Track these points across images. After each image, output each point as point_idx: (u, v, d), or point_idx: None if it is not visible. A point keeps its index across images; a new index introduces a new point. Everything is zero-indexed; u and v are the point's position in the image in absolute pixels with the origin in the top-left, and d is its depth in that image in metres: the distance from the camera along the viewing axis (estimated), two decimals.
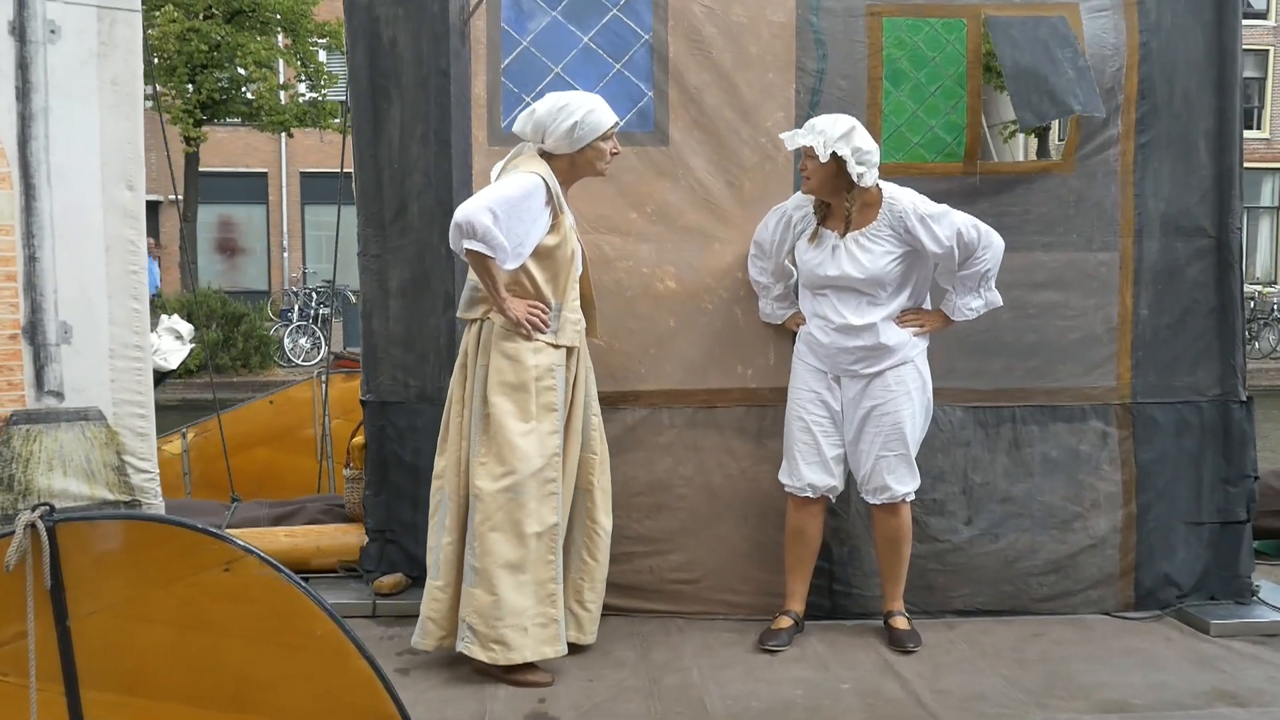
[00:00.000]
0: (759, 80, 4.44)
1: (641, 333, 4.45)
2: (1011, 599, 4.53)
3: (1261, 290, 25.13)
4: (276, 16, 21.28)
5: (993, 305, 4.18)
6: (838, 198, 4.07)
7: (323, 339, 19.83)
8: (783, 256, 4.28)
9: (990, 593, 4.53)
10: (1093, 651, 4.15)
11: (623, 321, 4.42)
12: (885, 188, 4.09)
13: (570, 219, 3.89)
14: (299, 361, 19.07)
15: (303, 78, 22.90)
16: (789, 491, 4.23)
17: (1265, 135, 30.30)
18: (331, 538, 4.71)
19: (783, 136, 4.14)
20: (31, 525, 2.35)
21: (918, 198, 4.07)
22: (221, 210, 29.57)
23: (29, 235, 3.35)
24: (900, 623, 4.22)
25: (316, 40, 22.01)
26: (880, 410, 4.10)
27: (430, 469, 4.01)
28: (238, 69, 21.29)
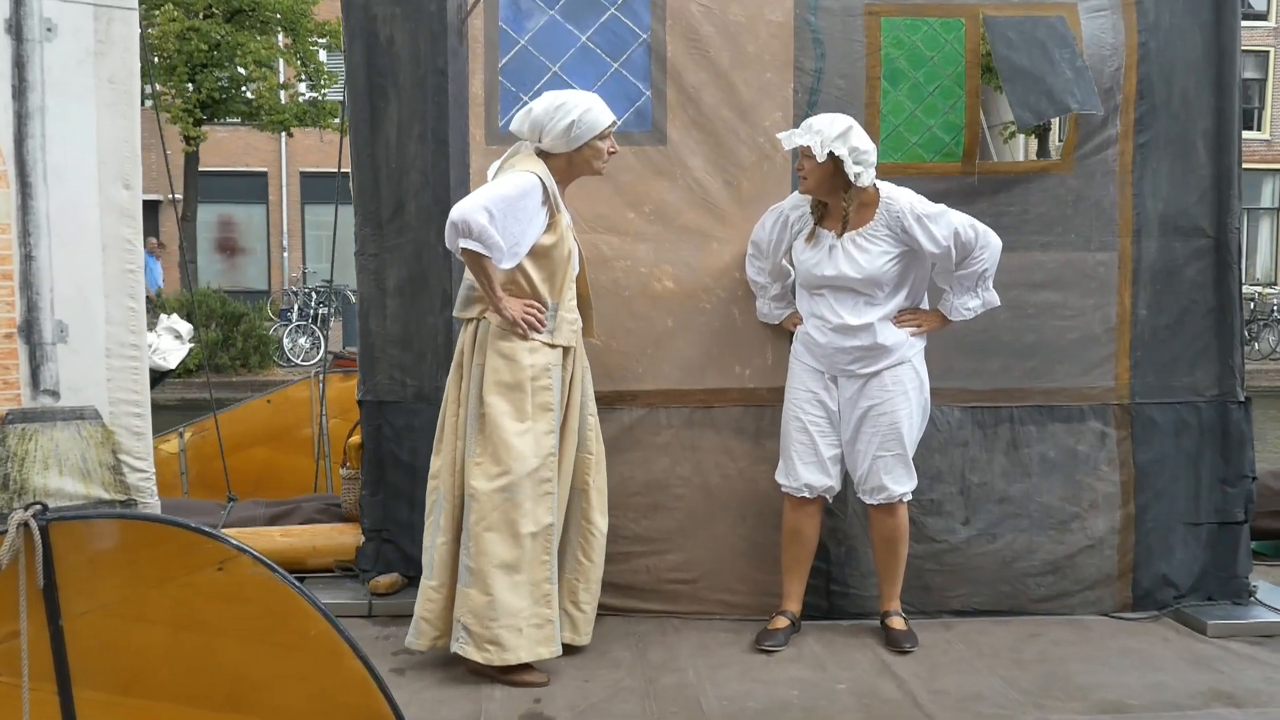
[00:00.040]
0: (757, 80, 4.44)
1: (639, 332, 4.44)
2: (1009, 599, 4.53)
3: (1261, 291, 25.12)
4: (276, 16, 21.27)
5: (990, 305, 4.17)
6: (835, 197, 4.06)
7: (322, 339, 19.80)
8: (780, 256, 4.27)
9: (988, 593, 4.52)
10: (1090, 652, 4.14)
11: (620, 321, 4.42)
12: (882, 187, 4.08)
13: (567, 218, 3.88)
14: (298, 361, 19.02)
15: (303, 77, 22.89)
16: (786, 492, 4.23)
17: (1266, 136, 30.27)
18: (328, 537, 4.70)
19: (780, 136, 4.13)
20: (24, 524, 2.34)
21: (915, 197, 4.07)
22: (221, 210, 29.57)
23: (25, 234, 3.33)
24: (897, 623, 4.22)
25: (316, 40, 21.99)
26: (877, 410, 4.09)
27: (427, 469, 3.99)
28: (238, 68, 21.27)
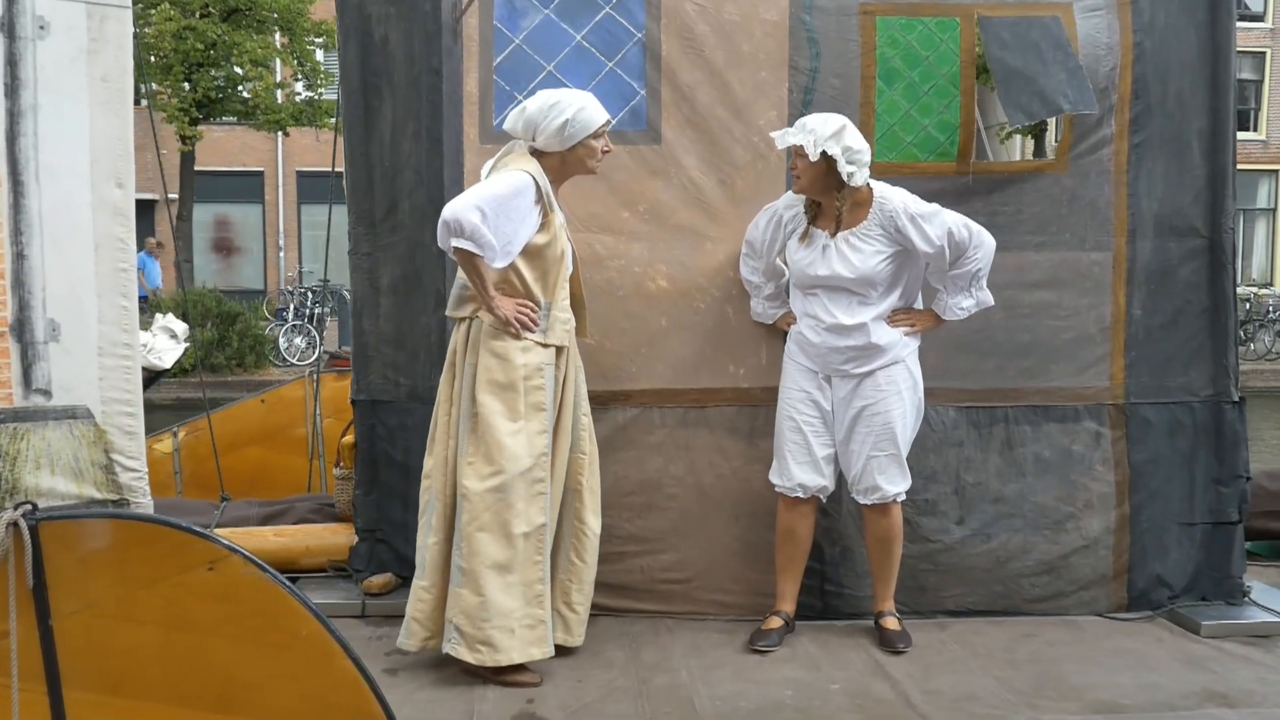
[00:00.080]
0: (752, 79, 4.43)
1: (633, 332, 4.43)
2: (1003, 600, 4.52)
3: (1257, 292, 25.15)
4: (273, 15, 21.27)
5: (984, 305, 4.17)
6: (828, 197, 4.06)
7: (318, 338, 19.79)
8: (774, 256, 4.27)
9: (982, 593, 4.51)
10: (1084, 652, 4.13)
11: (614, 320, 4.41)
12: (876, 187, 4.07)
13: (560, 218, 3.87)
14: (294, 361, 19.00)
15: (299, 77, 22.88)
16: (779, 491, 4.22)
17: (1262, 137, 30.31)
18: (321, 537, 4.69)
19: (773, 135, 4.12)
20: (13, 524, 2.33)
21: (908, 197, 4.06)
22: (218, 209, 29.55)
23: (17, 232, 3.32)
24: (891, 623, 4.21)
25: (313, 39, 21.99)
26: (871, 410, 4.08)
27: (421, 468, 3.98)
28: (234, 68, 21.26)
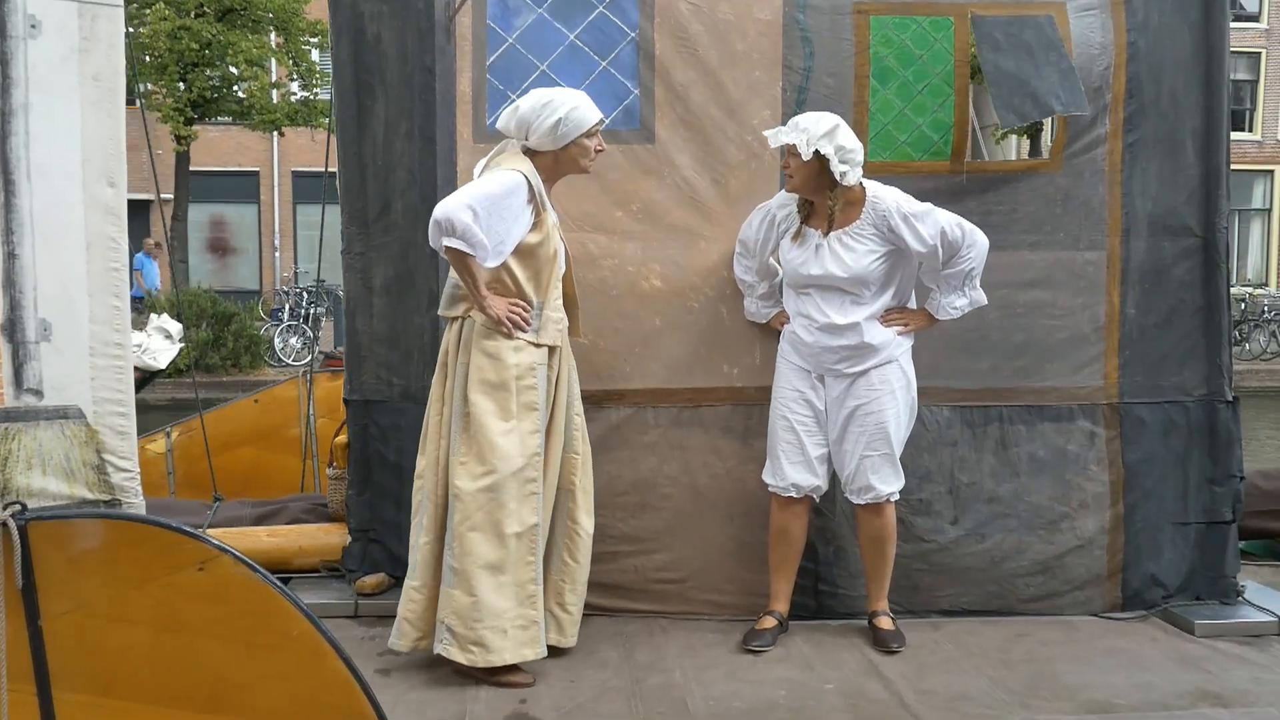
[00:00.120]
0: (745, 78, 4.42)
1: (627, 331, 4.43)
2: (998, 599, 4.51)
3: (1252, 292, 25.18)
4: (268, 15, 21.25)
5: (977, 304, 4.16)
6: (821, 196, 4.05)
7: (313, 338, 19.75)
8: (767, 255, 4.26)
9: (976, 593, 4.51)
10: (1078, 652, 4.13)
11: (608, 320, 4.40)
12: (869, 186, 4.07)
13: (553, 217, 3.86)
14: (289, 361, 18.96)
15: (294, 76, 22.87)
16: (773, 491, 4.21)
17: (1257, 137, 30.34)
18: (314, 537, 4.68)
19: (766, 134, 4.11)
20: (2, 524, 2.32)
21: (901, 196, 4.06)
22: (213, 209, 29.54)
23: (8, 232, 3.30)
24: (885, 623, 4.20)
25: (308, 39, 21.98)
26: (864, 410, 4.08)
27: (414, 468, 3.97)
28: (229, 68, 21.25)
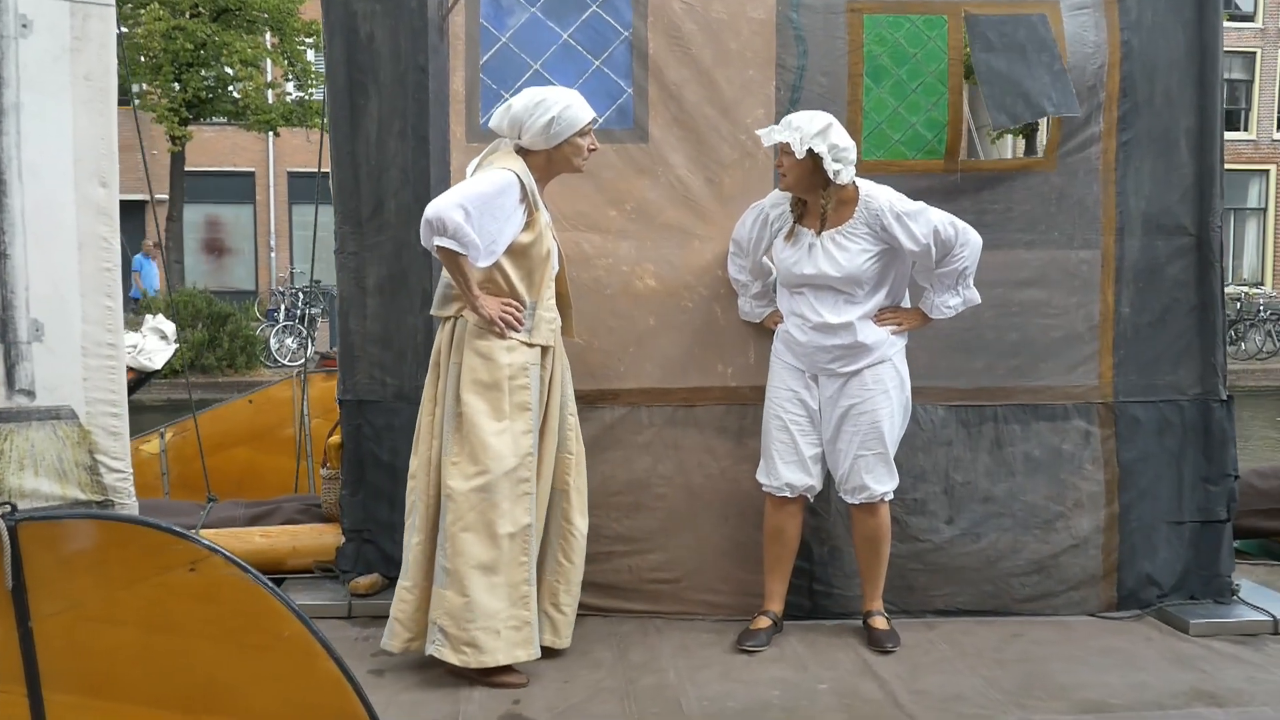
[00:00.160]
0: (739, 77, 4.42)
1: (621, 331, 4.42)
2: (993, 599, 4.50)
3: (1248, 291, 25.21)
4: (263, 15, 21.23)
5: (971, 303, 4.16)
6: (814, 195, 4.04)
7: (309, 339, 19.73)
8: (760, 254, 4.25)
9: (972, 593, 4.50)
10: (1072, 651, 4.12)
11: (602, 319, 4.39)
12: (862, 185, 4.06)
13: (546, 217, 3.85)
14: (285, 362, 18.92)
15: (290, 77, 22.84)
16: (767, 491, 4.20)
17: (1252, 137, 30.34)
18: (308, 538, 4.66)
19: (759, 133, 4.11)
20: None
21: (894, 195, 4.05)
22: (208, 210, 29.50)
23: (0, 231, 3.31)
24: (879, 623, 4.20)
25: (304, 39, 21.95)
26: (858, 409, 4.07)
27: (407, 468, 3.96)
28: (224, 68, 21.22)
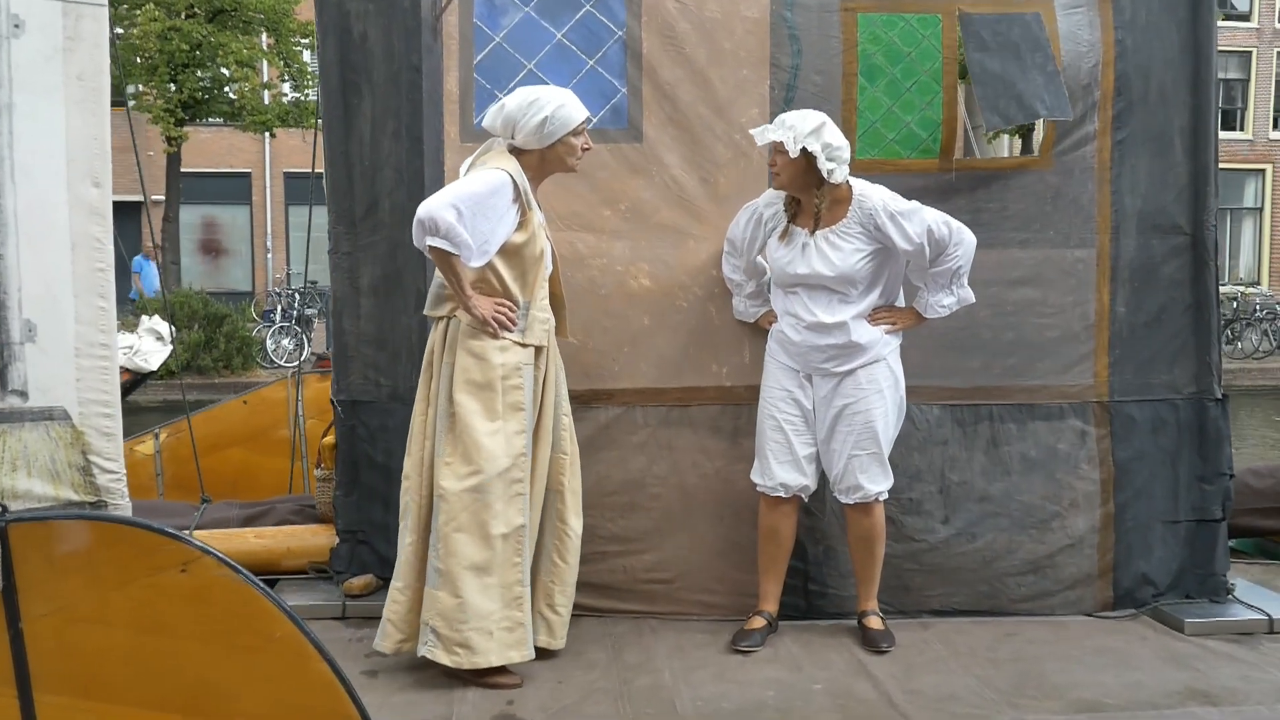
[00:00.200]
0: (733, 76, 4.41)
1: (615, 331, 4.41)
2: (989, 599, 4.50)
3: (1244, 291, 25.22)
4: (259, 16, 21.21)
5: (965, 302, 4.15)
6: (808, 194, 4.04)
7: (305, 339, 19.70)
8: (754, 254, 4.24)
9: (968, 593, 4.49)
10: (1067, 651, 4.12)
11: (596, 319, 4.38)
12: (855, 184, 4.05)
13: (539, 216, 3.84)
14: (282, 363, 18.87)
15: (286, 77, 22.83)
16: (761, 491, 4.19)
17: (1248, 136, 30.34)
18: (302, 539, 4.66)
19: (753, 132, 4.10)
20: None
21: (888, 195, 4.04)
22: (205, 211, 29.49)
23: None
24: (874, 623, 4.19)
25: (299, 40, 21.93)
26: (852, 409, 4.06)
27: (401, 469, 3.95)
28: (220, 69, 21.20)
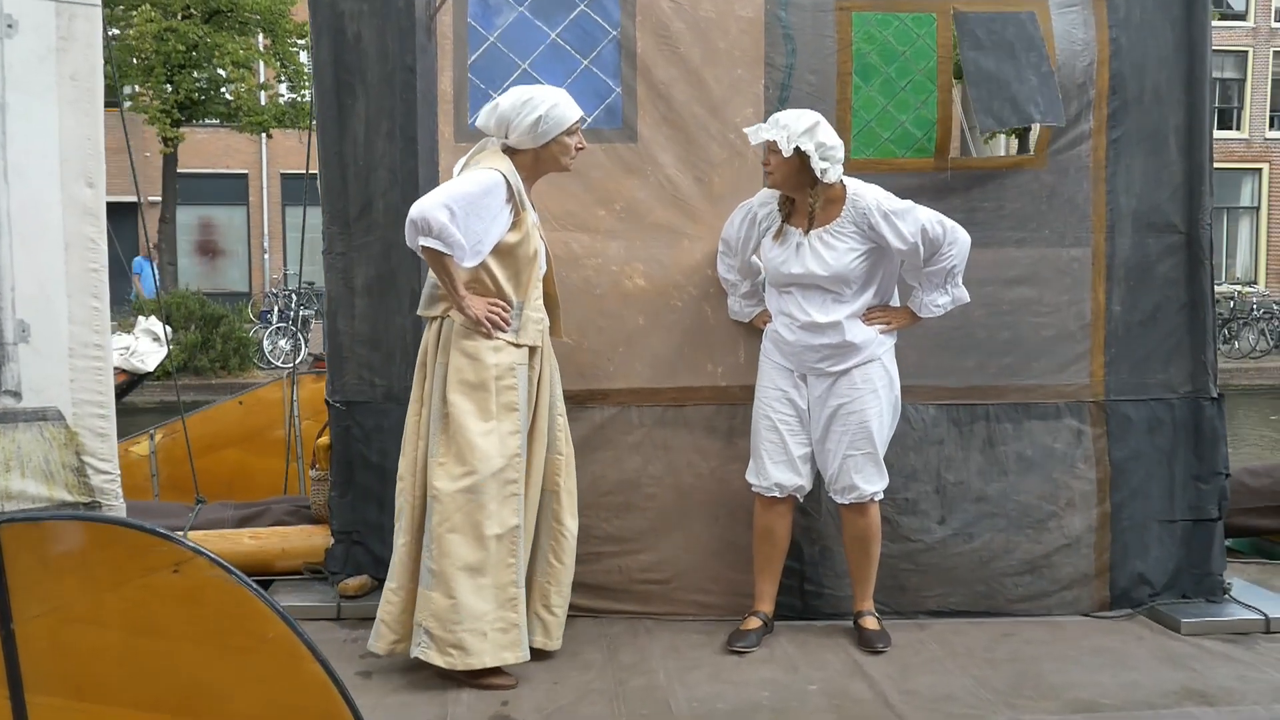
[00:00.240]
0: (727, 76, 4.40)
1: (610, 331, 4.40)
2: (986, 600, 4.49)
3: (1241, 290, 25.23)
4: (255, 17, 21.21)
5: (960, 302, 4.15)
6: (801, 193, 4.03)
7: (302, 340, 19.69)
8: (749, 253, 4.24)
9: (964, 593, 4.48)
10: (1063, 651, 4.11)
11: (591, 319, 4.38)
12: (849, 184, 4.05)
13: (533, 217, 3.84)
14: (278, 364, 18.88)
15: (282, 78, 22.82)
16: (756, 491, 4.18)
17: (1244, 136, 30.35)
18: (297, 539, 4.65)
19: (746, 131, 4.09)
20: None
21: (882, 194, 4.04)
22: (201, 212, 29.49)
23: None
24: (870, 623, 4.18)
25: (295, 41, 21.93)
26: (847, 409, 4.05)
27: (396, 470, 3.93)
28: (216, 69, 21.20)
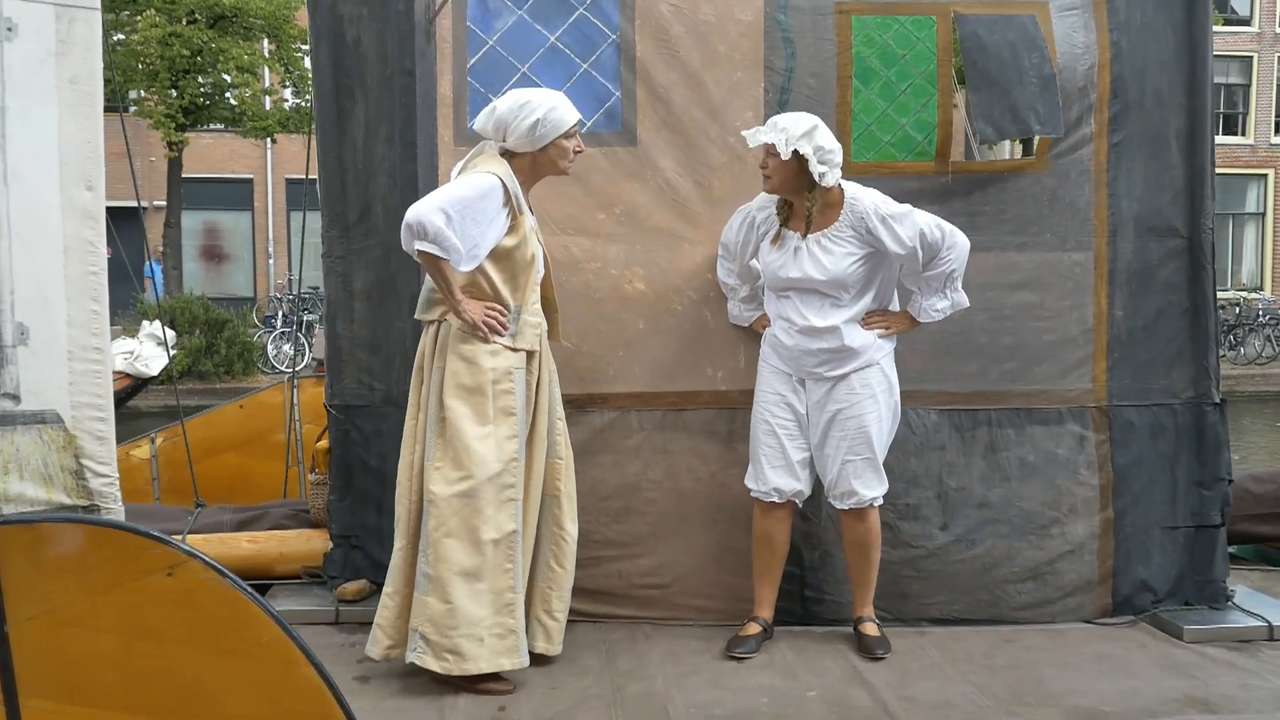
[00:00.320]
0: (727, 79, 4.40)
1: (610, 335, 4.39)
2: (989, 607, 4.46)
3: (1247, 296, 25.18)
4: (259, 22, 21.24)
5: (959, 306, 4.12)
6: (799, 197, 4.02)
7: (306, 345, 19.69)
8: (747, 258, 4.23)
9: (967, 600, 4.46)
10: (1064, 658, 4.09)
11: (591, 323, 4.37)
12: (847, 188, 4.03)
13: (531, 220, 3.83)
14: (282, 368, 18.91)
15: (287, 83, 22.86)
16: (755, 496, 4.17)
17: (1250, 141, 30.29)
18: (295, 543, 4.65)
19: (745, 134, 4.07)
20: None
21: (879, 198, 4.02)
22: (206, 217, 29.55)
23: None
24: (870, 629, 4.16)
25: (300, 46, 21.96)
26: (845, 414, 4.04)
27: (395, 474, 3.92)
28: (221, 74, 21.24)
